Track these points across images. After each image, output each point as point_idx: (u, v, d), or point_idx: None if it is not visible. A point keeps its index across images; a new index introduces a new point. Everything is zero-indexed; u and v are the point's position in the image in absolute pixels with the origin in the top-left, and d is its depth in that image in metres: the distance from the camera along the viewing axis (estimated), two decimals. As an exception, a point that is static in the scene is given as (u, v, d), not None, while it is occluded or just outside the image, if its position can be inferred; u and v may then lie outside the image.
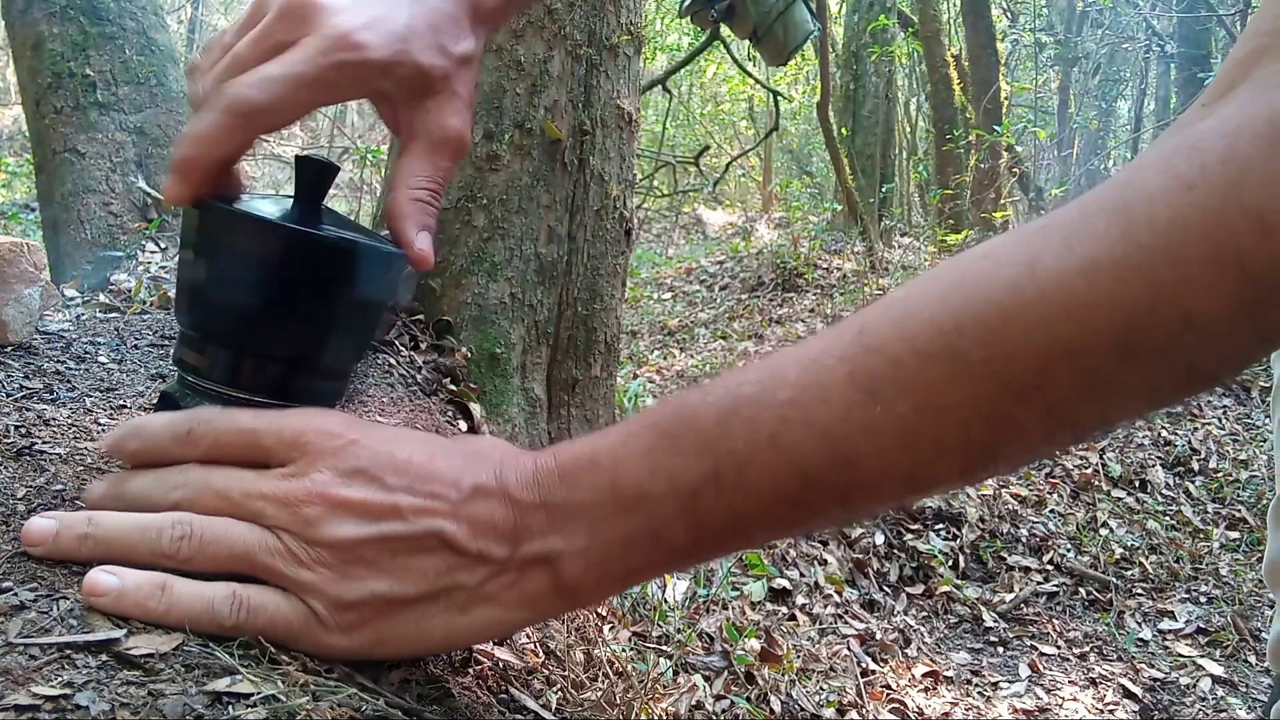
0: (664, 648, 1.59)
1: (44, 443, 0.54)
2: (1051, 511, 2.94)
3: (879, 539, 2.58)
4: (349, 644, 0.37)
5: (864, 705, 1.84)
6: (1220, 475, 3.25)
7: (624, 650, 1.35)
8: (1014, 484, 3.00)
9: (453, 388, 1.05)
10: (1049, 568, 2.71)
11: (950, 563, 2.61)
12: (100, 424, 0.59)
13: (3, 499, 0.46)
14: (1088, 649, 2.38)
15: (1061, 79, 9.15)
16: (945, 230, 5.77)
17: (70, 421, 0.58)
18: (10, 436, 0.53)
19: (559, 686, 0.66)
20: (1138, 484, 3.19)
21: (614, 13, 1.25)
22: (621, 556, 0.37)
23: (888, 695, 1.95)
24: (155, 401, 0.49)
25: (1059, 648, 2.38)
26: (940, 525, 2.75)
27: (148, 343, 0.80)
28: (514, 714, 0.47)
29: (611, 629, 1.40)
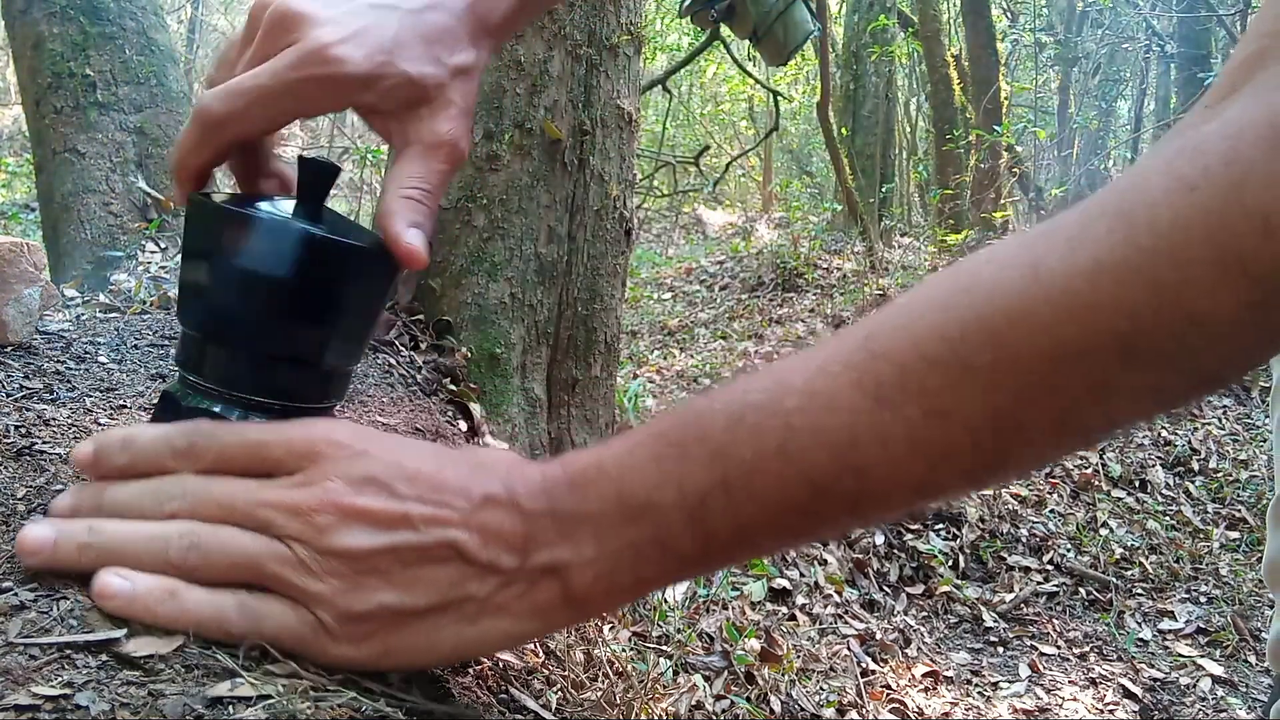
0: (664, 648, 1.59)
1: (44, 443, 0.54)
2: (1051, 511, 2.94)
3: (879, 539, 2.58)
4: (357, 655, 0.37)
5: (864, 705, 1.84)
6: (1220, 475, 3.25)
7: (624, 650, 1.35)
8: (1014, 484, 3.00)
9: (453, 388, 1.05)
10: (1049, 568, 2.71)
11: (950, 563, 2.61)
12: (100, 424, 0.60)
13: (3, 499, 0.46)
14: (1088, 649, 2.38)
15: (1061, 79, 9.15)
16: (945, 230, 5.77)
17: (70, 421, 0.58)
18: (10, 436, 0.53)
19: (559, 686, 0.66)
20: (1138, 484, 3.19)
21: (614, 13, 1.25)
22: (630, 566, 0.37)
23: (888, 695, 1.95)
24: (156, 401, 0.49)
25: (1059, 648, 2.37)
26: (940, 525, 2.75)
27: (148, 343, 0.80)
28: (514, 714, 0.47)
29: (611, 629, 1.40)
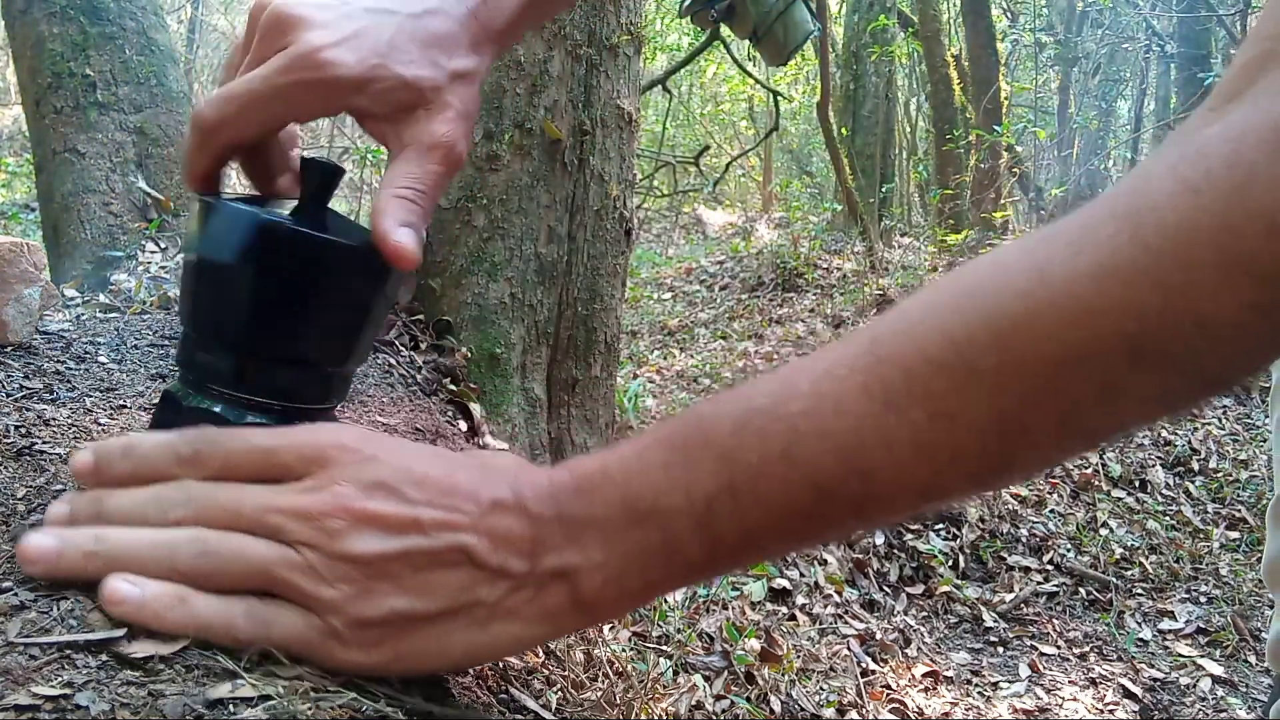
0: (664, 648, 1.59)
1: (44, 443, 0.54)
2: (1051, 511, 2.94)
3: (879, 539, 2.58)
4: (367, 661, 0.37)
5: (864, 705, 1.84)
6: (1220, 475, 3.25)
7: (624, 650, 1.35)
8: (1014, 484, 2.99)
9: (453, 388, 1.05)
10: (1049, 568, 2.71)
11: (950, 563, 2.61)
12: (100, 424, 0.60)
13: (3, 499, 0.46)
14: (1088, 649, 2.38)
15: (1061, 79, 9.14)
16: (945, 230, 5.77)
17: (70, 421, 0.58)
18: (10, 436, 0.53)
19: (559, 686, 0.66)
20: (1138, 484, 3.19)
21: (614, 13, 1.25)
22: (638, 571, 0.37)
23: (888, 695, 1.95)
24: (157, 401, 0.49)
25: (1059, 648, 2.38)
26: (940, 525, 2.75)
27: (148, 343, 0.80)
28: (514, 714, 0.47)
29: (611, 629, 1.40)
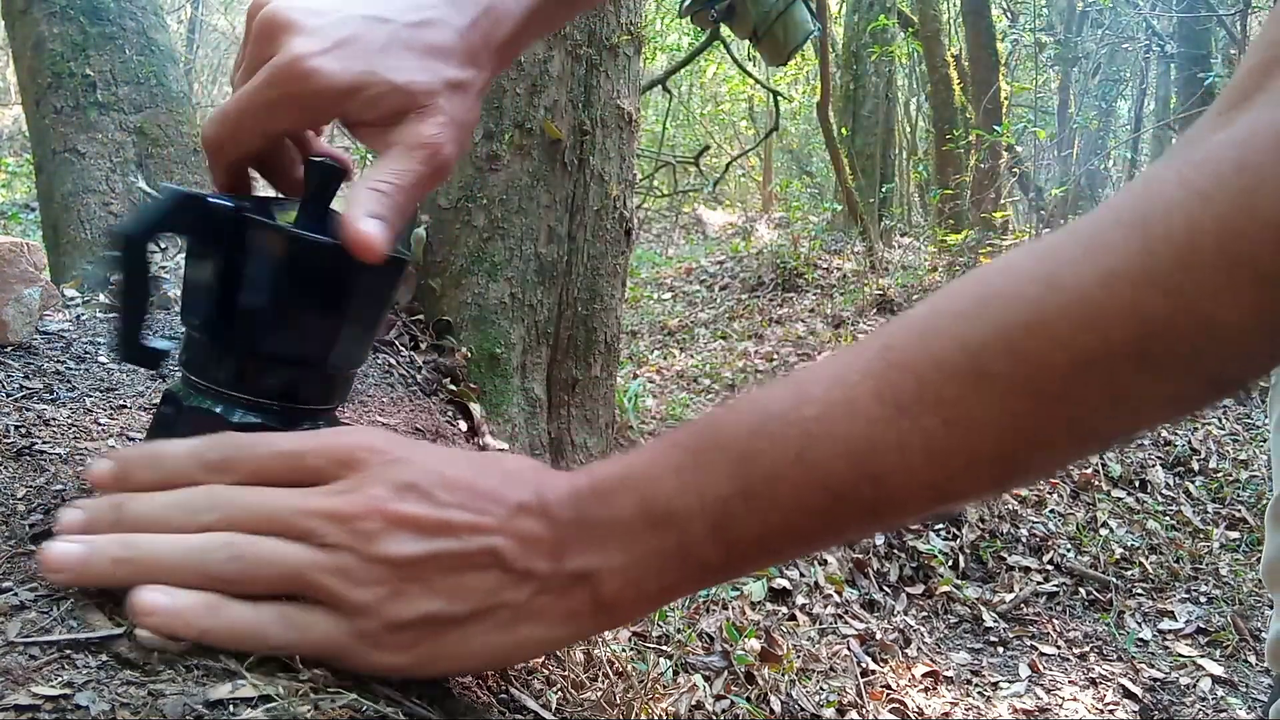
0: (664, 648, 1.59)
1: (44, 443, 0.54)
2: (1051, 511, 2.94)
3: (879, 539, 2.58)
4: (397, 662, 0.37)
5: (864, 705, 1.84)
6: (1220, 475, 3.25)
7: (624, 650, 1.35)
8: (1014, 484, 2.99)
9: (453, 388, 1.05)
10: (1049, 568, 2.71)
11: (950, 563, 2.61)
12: (100, 424, 0.60)
13: (3, 499, 0.46)
14: (1088, 649, 2.38)
15: (1061, 79, 9.14)
16: (945, 230, 5.77)
17: (70, 421, 0.58)
18: (10, 436, 0.53)
19: (559, 686, 0.66)
20: (1138, 484, 3.19)
21: (614, 13, 1.25)
22: (656, 574, 0.37)
23: (888, 695, 1.95)
24: (158, 401, 0.49)
25: (1059, 648, 2.37)
26: (940, 525, 2.75)
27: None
28: (514, 714, 0.47)
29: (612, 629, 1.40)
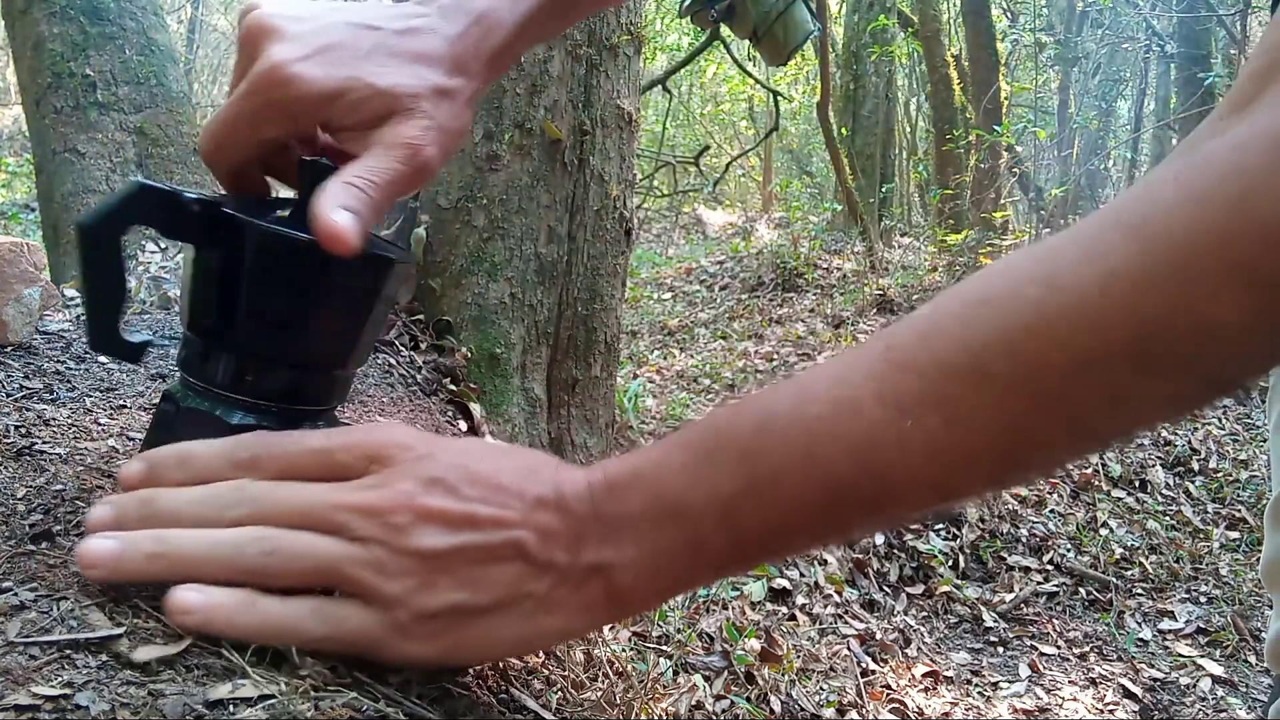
0: (664, 648, 1.59)
1: (44, 443, 0.54)
2: (1051, 511, 2.94)
3: (879, 539, 2.58)
4: (424, 652, 0.38)
5: (864, 705, 1.84)
6: (1220, 475, 3.25)
7: (624, 650, 1.35)
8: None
9: (453, 388, 1.05)
10: (1049, 568, 2.71)
11: (950, 563, 2.61)
12: (100, 424, 0.60)
13: (3, 499, 0.46)
14: (1088, 649, 2.38)
15: (1061, 79, 9.14)
16: (945, 230, 5.77)
17: (70, 421, 0.58)
18: (10, 436, 0.53)
19: (559, 686, 0.66)
20: (1138, 484, 3.19)
21: (614, 13, 1.25)
22: (668, 567, 0.39)
23: (888, 695, 1.95)
24: (158, 401, 0.49)
25: (1059, 648, 2.37)
26: (940, 525, 2.75)
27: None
28: (514, 714, 0.47)
29: (611, 629, 1.40)
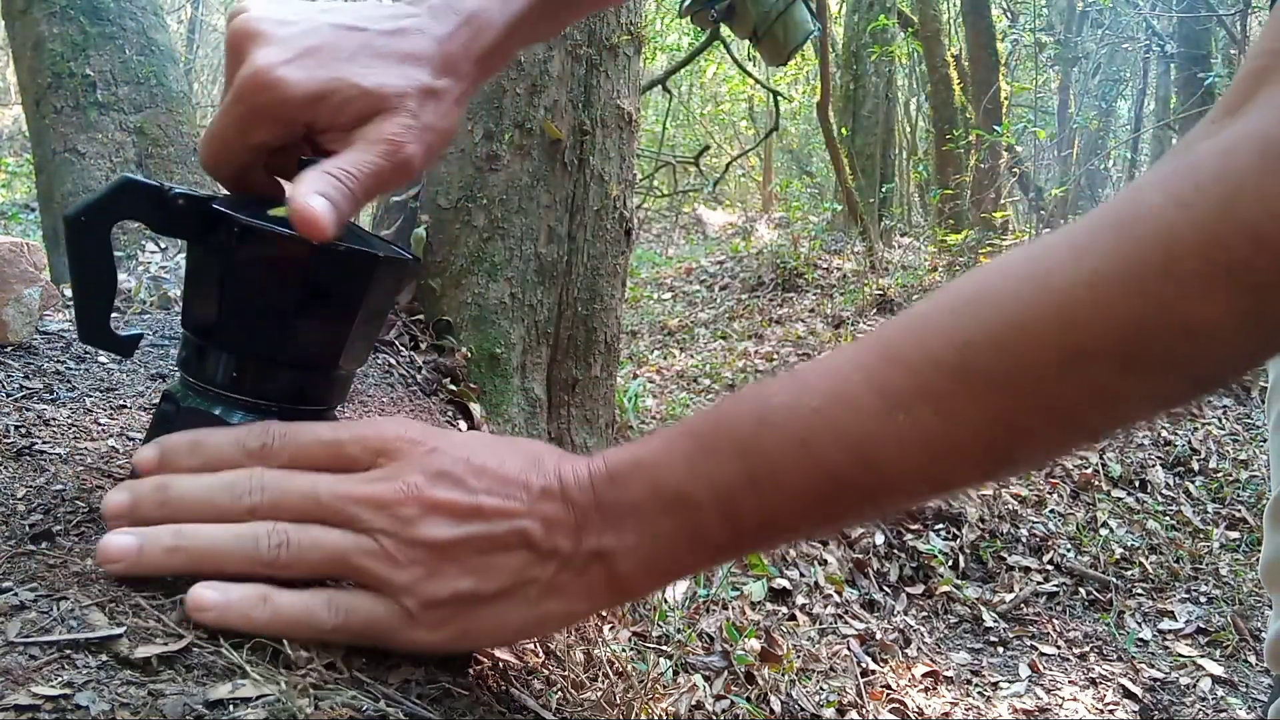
0: (664, 648, 1.59)
1: (44, 443, 0.54)
2: (1051, 511, 2.94)
3: (879, 539, 2.58)
4: (433, 639, 0.40)
5: (864, 705, 1.84)
6: (1220, 475, 3.25)
7: (624, 650, 1.35)
8: (1014, 484, 3.00)
9: (453, 388, 1.05)
10: (1049, 568, 2.71)
11: (950, 563, 2.61)
12: (100, 424, 0.60)
13: (3, 499, 0.46)
14: (1088, 649, 2.38)
15: (1061, 79, 9.14)
16: (945, 230, 5.77)
17: (70, 421, 0.58)
18: (10, 436, 0.53)
19: (559, 686, 0.66)
20: (1138, 484, 3.19)
21: (614, 13, 1.25)
22: (668, 553, 0.40)
23: (888, 695, 1.95)
24: (158, 401, 0.49)
25: (1059, 648, 2.37)
26: (940, 525, 2.75)
27: (148, 343, 0.80)
28: (514, 714, 0.47)
29: (611, 629, 1.40)
